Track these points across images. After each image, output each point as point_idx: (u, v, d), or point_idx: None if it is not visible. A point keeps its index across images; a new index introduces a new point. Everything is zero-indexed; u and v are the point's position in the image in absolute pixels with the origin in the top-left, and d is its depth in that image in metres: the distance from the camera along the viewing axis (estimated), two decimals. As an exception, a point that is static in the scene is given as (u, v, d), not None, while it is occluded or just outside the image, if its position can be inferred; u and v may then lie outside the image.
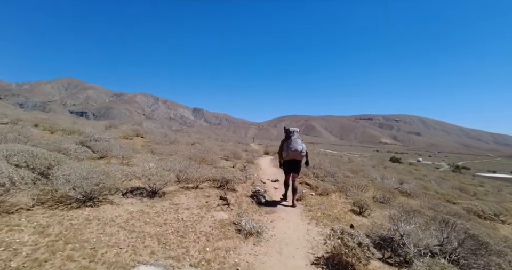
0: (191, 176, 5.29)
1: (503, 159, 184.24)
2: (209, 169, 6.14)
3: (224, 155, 10.84)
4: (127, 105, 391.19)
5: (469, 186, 16.24)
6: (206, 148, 10.46)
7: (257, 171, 9.31)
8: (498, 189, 24.04)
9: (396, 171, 26.60)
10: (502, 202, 12.02)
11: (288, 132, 5.30)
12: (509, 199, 17.27)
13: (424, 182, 15.88)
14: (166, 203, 4.14)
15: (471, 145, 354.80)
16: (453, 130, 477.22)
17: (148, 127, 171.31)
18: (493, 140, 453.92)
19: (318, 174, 8.95)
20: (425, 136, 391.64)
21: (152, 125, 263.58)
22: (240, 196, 5.21)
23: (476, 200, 9.48)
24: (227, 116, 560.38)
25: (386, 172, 17.88)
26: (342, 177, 9.35)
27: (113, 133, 12.61)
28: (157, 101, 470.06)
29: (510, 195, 22.15)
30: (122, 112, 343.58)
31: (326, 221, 4.45)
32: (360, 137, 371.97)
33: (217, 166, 7.82)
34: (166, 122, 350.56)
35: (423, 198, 7.29)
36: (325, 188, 6.72)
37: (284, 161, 5.32)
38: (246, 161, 11.40)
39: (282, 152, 5.26)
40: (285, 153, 5.16)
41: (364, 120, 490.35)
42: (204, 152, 9.04)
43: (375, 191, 7.56)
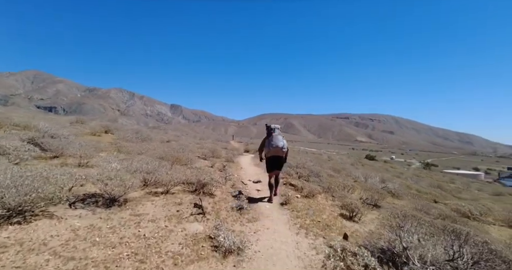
0: (160, 179, 4.54)
1: (466, 156, 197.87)
2: (183, 171, 5.40)
3: (202, 154, 10.07)
4: (101, 100, 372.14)
5: (444, 184, 16.68)
6: (182, 146, 9.64)
7: (238, 171, 8.67)
8: (467, 185, 25.23)
9: (374, 168, 27.11)
10: (477, 199, 12.33)
11: (270, 129, 5.28)
12: (480, 195, 17.98)
13: (403, 180, 16.09)
14: (126, 213, 3.38)
15: (439, 144, 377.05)
16: (423, 130, 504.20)
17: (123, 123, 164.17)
18: (458, 139, 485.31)
19: (302, 174, 8.48)
20: (398, 134, 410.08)
21: (128, 121, 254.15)
22: (218, 202, 4.54)
23: (456, 199, 9.54)
24: (206, 113, 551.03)
25: (367, 170, 17.95)
26: (326, 176, 8.97)
27: (78, 129, 11.39)
28: (133, 96, 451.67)
29: (478, 190, 23.25)
30: (95, 108, 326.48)
31: (316, 230, 3.91)
32: (337, 135, 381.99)
33: (193, 166, 7.07)
34: (142, 119, 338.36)
35: (411, 199, 7.03)
36: (311, 189, 6.22)
37: (266, 159, 5.27)
38: (226, 160, 10.72)
39: (264, 148, 5.27)
40: (266, 149, 5.17)
41: (341, 119, 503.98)
42: (178, 151, 8.24)
43: (362, 192, 7.21)
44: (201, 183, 4.71)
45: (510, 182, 59.01)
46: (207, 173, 5.15)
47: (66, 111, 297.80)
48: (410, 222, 3.33)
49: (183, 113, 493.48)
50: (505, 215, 7.57)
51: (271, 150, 5.07)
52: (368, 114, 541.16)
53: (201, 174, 4.88)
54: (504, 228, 6.21)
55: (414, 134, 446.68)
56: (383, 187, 8.54)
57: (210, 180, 4.73)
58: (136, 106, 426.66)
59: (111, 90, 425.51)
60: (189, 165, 7.07)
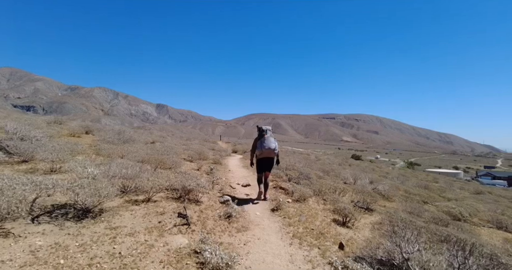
0: (141, 185, 4.16)
1: (446, 155, 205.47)
2: (167, 176, 5.03)
3: (188, 156, 9.66)
4: (84, 100, 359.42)
5: (430, 184, 16.93)
6: (167, 148, 9.19)
7: (226, 174, 8.34)
8: (450, 184, 25.93)
9: (361, 168, 27.38)
10: (462, 199, 12.54)
11: (261, 130, 5.24)
12: (462, 194, 18.43)
13: (389, 180, 16.25)
14: (101, 227, 3.00)
15: (421, 143, 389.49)
16: (407, 130, 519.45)
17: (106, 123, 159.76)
18: (439, 139, 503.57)
19: (292, 176, 8.26)
20: (382, 134, 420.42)
21: (112, 121, 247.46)
22: (205, 209, 4.21)
23: (444, 200, 9.62)
24: (193, 113, 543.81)
25: (355, 171, 18.02)
26: (316, 178, 8.80)
27: (55, 130, 10.68)
28: (117, 96, 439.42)
29: (460, 189, 23.90)
30: (77, 107, 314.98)
31: (310, 239, 3.66)
32: (324, 135, 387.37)
33: (178, 170, 6.68)
34: (126, 118, 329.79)
35: (401, 201, 6.94)
36: (302, 193, 5.99)
37: (257, 160, 5.26)
38: (213, 162, 10.36)
39: (256, 150, 5.20)
40: (258, 151, 5.12)
41: (327, 119, 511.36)
42: (163, 153, 7.81)
43: (353, 194, 7.07)
44: (186, 189, 4.36)
45: (487, 180, 61.81)
46: (192, 177, 4.79)
47: (46, 110, 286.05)
48: (410, 230, 3.13)
49: (169, 113, 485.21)
50: (490, 216, 7.66)
51: (264, 151, 5.07)
52: (354, 115, 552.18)
53: (186, 179, 4.52)
54: (493, 229, 6.22)
55: (397, 134, 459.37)
56: (373, 189, 8.46)
57: (196, 185, 4.39)
58: (121, 106, 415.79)
59: (94, 90, 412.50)
60: (174, 169, 6.68)
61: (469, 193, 20.98)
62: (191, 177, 4.86)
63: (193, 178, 4.73)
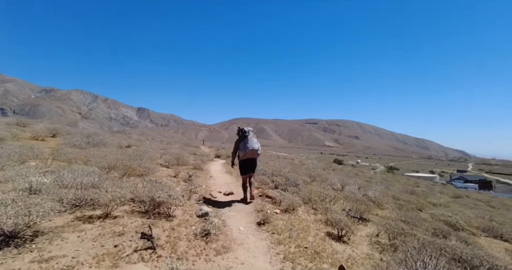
0: (98, 197, 3.37)
1: (423, 160, 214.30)
2: (134, 185, 4.26)
3: (165, 161, 8.82)
4: (59, 102, 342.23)
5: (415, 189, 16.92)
6: (140, 152, 8.32)
7: (207, 180, 7.59)
8: (431, 189, 26.44)
9: (345, 173, 27.35)
10: (447, 205, 12.47)
11: (244, 131, 5.20)
12: (444, 199, 18.60)
13: (374, 184, 16.08)
14: (25, 260, 2.21)
15: (400, 148, 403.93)
16: (386, 135, 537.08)
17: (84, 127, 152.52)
18: (416, 144, 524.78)
19: (279, 182, 7.65)
20: (362, 140, 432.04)
21: (90, 125, 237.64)
22: (178, 226, 3.48)
23: (431, 206, 9.39)
24: (176, 117, 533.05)
25: (340, 176, 17.75)
26: (303, 185, 8.25)
27: (14, 133, 9.49)
28: (96, 99, 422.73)
29: (440, 193, 24.33)
30: (53, 110, 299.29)
31: (304, 262, 3.03)
32: (307, 140, 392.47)
33: (151, 177, 5.88)
34: (106, 122, 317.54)
35: (395, 209, 6.51)
36: (290, 202, 5.38)
37: (241, 161, 5.21)
38: (193, 167, 9.58)
39: (239, 151, 5.18)
40: (242, 152, 5.09)
41: (310, 124, 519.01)
42: (135, 158, 6.96)
43: (344, 202, 6.56)
44: (155, 202, 3.62)
45: (460, 184, 64.69)
46: (165, 187, 4.06)
47: (17, 113, 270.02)
48: (427, 252, 2.59)
49: (150, 117, 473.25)
50: (482, 223, 7.43)
51: (248, 153, 5.03)
52: (335, 120, 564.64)
53: (156, 190, 3.78)
54: (490, 239, 5.90)
55: (377, 139, 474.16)
56: (364, 195, 8.02)
57: (167, 197, 3.65)
58: (100, 109, 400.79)
59: (71, 92, 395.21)
60: (146, 176, 5.87)
61: (449, 198, 21.36)
62: (163, 186, 4.12)
63: (165, 187, 3.99)
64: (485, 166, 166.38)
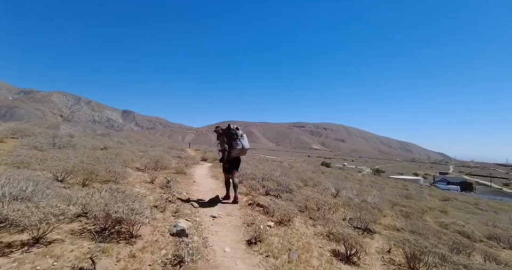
0: (21, 216, 2.43)
1: (407, 163, 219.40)
2: (87, 194, 3.32)
3: (142, 164, 7.82)
4: (39, 104, 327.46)
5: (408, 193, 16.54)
6: (112, 154, 7.30)
7: (189, 187, 6.68)
8: (420, 191, 26.39)
9: (334, 176, 26.91)
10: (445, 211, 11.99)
11: (236, 129, 5.00)
12: (436, 203, 18.35)
13: (366, 188, 15.57)
14: None
15: (384, 151, 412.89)
16: (371, 138, 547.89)
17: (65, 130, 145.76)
18: (400, 147, 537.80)
19: (270, 188, 6.85)
20: (348, 143, 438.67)
21: (72, 128, 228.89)
22: (141, 252, 2.59)
23: (432, 212, 8.87)
24: (162, 120, 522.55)
25: (332, 179, 17.16)
26: (297, 189, 7.49)
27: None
28: (79, 101, 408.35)
29: (429, 196, 24.24)
30: (31, 113, 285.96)
31: (313, 300, 2.24)
32: (294, 143, 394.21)
33: (120, 184, 4.92)
34: (89, 125, 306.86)
35: (399, 217, 5.82)
36: (285, 212, 4.59)
37: (229, 160, 5.01)
38: (176, 171, 8.63)
39: (233, 150, 4.91)
40: (236, 151, 4.93)
41: (297, 127, 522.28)
42: (105, 161, 5.97)
43: (345, 210, 5.83)
44: (112, 218, 2.71)
45: (442, 185, 66.16)
46: (129, 197, 3.15)
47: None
48: None
49: (136, 119, 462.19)
50: (487, 230, 6.92)
51: (242, 151, 4.98)
52: (322, 124, 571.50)
53: (115, 202, 2.87)
54: (507, 251, 5.31)
55: (362, 142, 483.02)
56: (362, 201, 7.34)
57: (128, 212, 2.75)
58: (83, 112, 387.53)
59: (52, 94, 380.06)
60: (115, 182, 4.91)
61: (439, 200, 21.25)
62: (128, 196, 3.21)
63: (130, 198, 3.09)
64: (465, 168, 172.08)
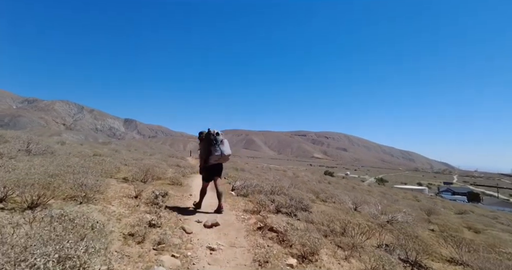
0: None
1: (410, 172, 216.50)
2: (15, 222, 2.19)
3: (131, 174, 6.66)
4: (43, 113, 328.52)
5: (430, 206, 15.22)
6: (95, 163, 6.18)
7: (183, 201, 5.51)
8: (434, 203, 24.96)
9: (341, 186, 25.59)
10: (484, 232, 10.59)
11: (216, 134, 4.69)
12: (453, 216, 16.97)
13: (374, 198, 14.28)
14: None
15: (386, 160, 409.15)
16: (373, 147, 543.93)
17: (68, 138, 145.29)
18: (402, 156, 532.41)
19: (281, 203, 5.67)
20: (350, 152, 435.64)
21: (75, 136, 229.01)
22: None
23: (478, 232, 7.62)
24: (163, 128, 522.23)
25: (340, 189, 15.89)
26: (311, 204, 6.30)
27: None
28: (82, 110, 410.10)
29: (443, 208, 22.76)
30: (34, 121, 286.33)
31: None
32: (296, 152, 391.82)
33: (88, 201, 3.76)
34: (91, 134, 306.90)
35: (455, 247, 4.58)
36: (308, 240, 3.42)
37: (209, 166, 4.69)
38: (171, 182, 7.48)
39: (211, 156, 4.58)
40: (214, 157, 4.56)
41: (299, 136, 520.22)
42: (79, 171, 4.84)
43: (380, 235, 4.60)
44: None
45: (448, 196, 64.08)
46: (73, 231, 2.01)
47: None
48: None
49: (137, 128, 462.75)
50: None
51: (222, 157, 4.64)
52: (324, 132, 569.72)
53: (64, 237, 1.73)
54: None
55: (364, 151, 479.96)
56: (392, 219, 6.12)
57: (73, 253, 1.61)
58: (85, 121, 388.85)
59: (55, 103, 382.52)
60: (84, 199, 3.76)
61: (454, 213, 19.83)
62: (76, 228, 2.07)
63: (76, 233, 1.95)
64: (469, 178, 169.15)
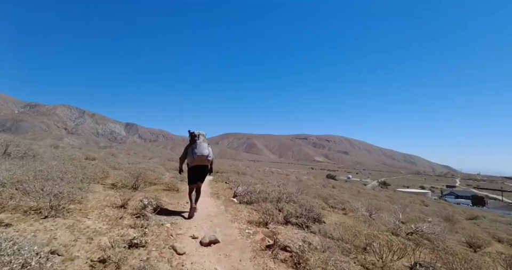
0: None
1: (411, 175, 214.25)
2: None
3: (121, 180, 5.93)
4: (44, 118, 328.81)
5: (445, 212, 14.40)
6: (77, 167, 5.46)
7: (179, 210, 4.77)
8: (442, 208, 24.07)
9: (346, 190, 24.74)
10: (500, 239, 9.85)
11: (193, 135, 4.61)
12: (466, 223, 16.13)
13: (383, 202, 13.49)
14: None
15: (388, 164, 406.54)
16: (374, 150, 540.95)
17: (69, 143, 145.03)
18: (404, 159, 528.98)
19: (291, 213, 4.93)
20: (352, 155, 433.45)
21: (76, 140, 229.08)
22: None
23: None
24: (165, 132, 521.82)
25: (347, 194, 15.13)
26: (323, 213, 5.55)
27: None
28: (83, 114, 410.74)
29: (454, 213, 21.80)
30: (36, 126, 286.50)
31: None
32: (297, 155, 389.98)
33: (57, 213, 3.03)
34: (92, 138, 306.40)
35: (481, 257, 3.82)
36: (334, 266, 2.68)
37: (189, 168, 4.61)
38: (167, 187, 6.76)
39: (187, 157, 4.61)
40: (190, 158, 4.53)
41: (300, 139, 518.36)
42: (53, 176, 4.13)
43: (413, 253, 3.82)
44: None
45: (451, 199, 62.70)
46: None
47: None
48: None
49: (139, 132, 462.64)
50: None
51: (196, 159, 4.44)
52: (325, 136, 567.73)
53: None
54: None
55: (366, 154, 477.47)
56: (416, 229, 5.36)
57: None
58: (87, 125, 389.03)
59: (57, 107, 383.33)
60: (54, 211, 3.04)
61: (465, 219, 18.96)
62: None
63: None
64: (472, 181, 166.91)
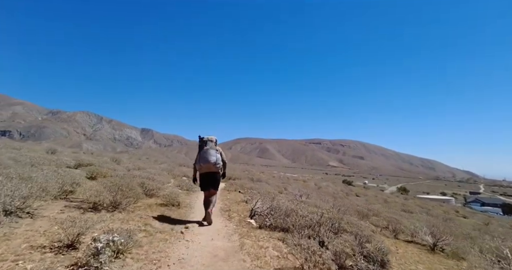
0: None
1: (431, 181, 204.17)
2: None
3: (90, 194, 4.53)
4: (65, 124, 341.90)
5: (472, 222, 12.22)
6: (48, 176, 4.12)
7: (164, 251, 3.29)
8: (480, 218, 21.53)
9: (372, 198, 22.66)
10: None
11: (202, 141, 4.48)
12: None
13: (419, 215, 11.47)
14: None
15: (405, 169, 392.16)
16: (391, 155, 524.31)
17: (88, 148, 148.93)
18: (422, 164, 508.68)
19: (346, 253, 3.30)
20: (367, 160, 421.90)
21: (94, 146, 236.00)
22: None
23: None
24: (179, 137, 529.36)
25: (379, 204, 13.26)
26: (387, 248, 3.91)
27: None
28: (101, 120, 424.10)
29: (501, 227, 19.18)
30: (58, 132, 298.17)
31: None
32: (310, 160, 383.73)
33: None
34: (109, 143, 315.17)
35: None
36: None
37: (200, 175, 4.45)
38: (166, 200, 5.38)
39: (196, 165, 4.48)
40: (198, 166, 4.40)
41: (313, 144, 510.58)
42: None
43: None
44: None
45: (478, 207, 57.95)
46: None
47: (23, 135, 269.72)
48: None
49: (154, 137, 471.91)
50: None
51: (203, 166, 4.32)
52: (339, 140, 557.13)
53: None
54: None
55: (382, 160, 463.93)
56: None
57: None
58: (104, 131, 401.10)
59: (77, 114, 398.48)
60: None
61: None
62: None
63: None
64: (497, 188, 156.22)
